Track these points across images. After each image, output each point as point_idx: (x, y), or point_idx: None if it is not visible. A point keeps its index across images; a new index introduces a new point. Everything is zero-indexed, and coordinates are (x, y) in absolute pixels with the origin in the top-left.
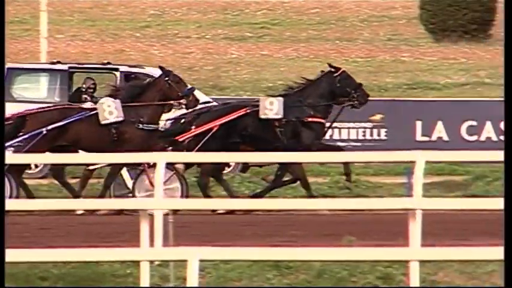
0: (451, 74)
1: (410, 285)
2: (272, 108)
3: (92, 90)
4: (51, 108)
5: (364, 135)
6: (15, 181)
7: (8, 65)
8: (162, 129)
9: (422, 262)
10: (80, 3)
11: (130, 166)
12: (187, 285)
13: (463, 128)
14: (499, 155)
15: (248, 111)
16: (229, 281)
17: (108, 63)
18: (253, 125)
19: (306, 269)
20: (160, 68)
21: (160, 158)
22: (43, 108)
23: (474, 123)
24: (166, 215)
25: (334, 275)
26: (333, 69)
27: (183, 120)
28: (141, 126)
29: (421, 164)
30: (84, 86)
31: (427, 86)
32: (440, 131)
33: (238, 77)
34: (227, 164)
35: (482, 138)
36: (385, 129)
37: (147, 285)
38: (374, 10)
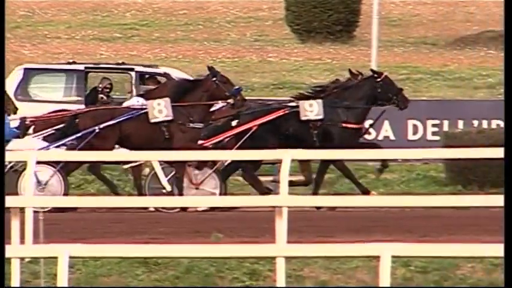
0: (317, 74)
1: (278, 282)
2: (312, 110)
3: (108, 90)
4: (102, 107)
5: None
6: (64, 179)
7: (24, 65)
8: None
9: (288, 258)
10: None
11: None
12: (58, 282)
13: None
14: (371, 153)
15: (287, 112)
16: (98, 277)
17: (123, 63)
18: (291, 126)
19: (174, 265)
20: (208, 68)
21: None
22: (94, 107)
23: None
24: (36, 212)
25: (202, 271)
26: (375, 75)
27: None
28: (191, 125)
29: (287, 162)
30: (100, 85)
31: (293, 86)
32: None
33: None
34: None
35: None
36: None
37: (18, 282)
38: (241, 11)
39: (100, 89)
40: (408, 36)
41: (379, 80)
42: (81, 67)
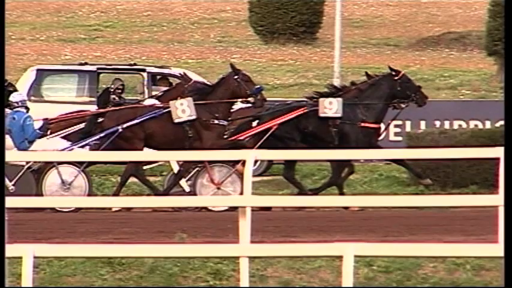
0: (280, 75)
1: (241, 281)
2: (331, 108)
3: (120, 90)
4: (125, 107)
5: None
6: (88, 178)
7: (37, 66)
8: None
9: (252, 258)
10: None
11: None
12: (22, 282)
13: None
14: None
15: (307, 110)
16: (63, 276)
17: (135, 64)
18: (310, 125)
19: (138, 265)
20: (231, 66)
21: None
22: (116, 107)
23: None
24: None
25: (166, 271)
26: (393, 72)
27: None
28: (215, 121)
29: (250, 162)
30: (112, 86)
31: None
32: None
33: None
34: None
35: None
36: None
37: None
38: (205, 13)
39: (112, 90)
40: (371, 37)
41: (397, 78)
42: (93, 68)
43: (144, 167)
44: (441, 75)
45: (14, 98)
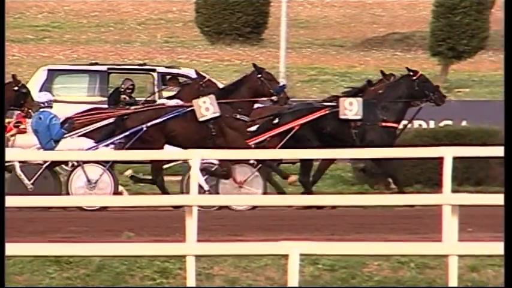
0: (226, 76)
1: (188, 280)
2: (352, 109)
3: (130, 90)
4: (148, 107)
5: None
6: (113, 176)
7: (48, 66)
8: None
9: (198, 257)
10: None
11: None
12: None
13: None
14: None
15: (328, 111)
16: (10, 275)
17: (145, 64)
18: (332, 125)
19: (86, 264)
20: (254, 65)
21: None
22: (139, 108)
23: None
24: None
25: (113, 269)
26: (411, 73)
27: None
28: (238, 116)
29: (196, 162)
30: (123, 86)
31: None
32: None
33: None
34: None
35: None
36: None
37: None
38: (151, 13)
39: (122, 90)
40: (316, 38)
41: (415, 78)
42: (104, 68)
43: (164, 166)
44: None
45: (40, 98)
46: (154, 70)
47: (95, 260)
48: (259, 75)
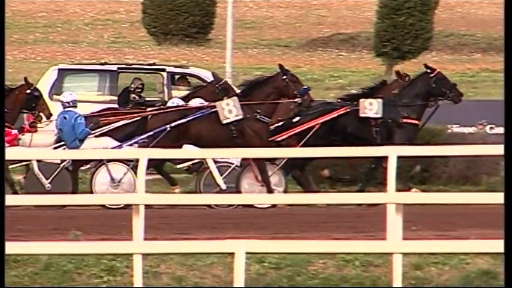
0: None
1: (135, 278)
2: (372, 108)
3: (139, 90)
4: (172, 108)
5: None
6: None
7: (59, 65)
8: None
9: (145, 255)
10: None
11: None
12: None
13: None
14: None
15: (348, 110)
16: None
17: (154, 64)
18: (352, 124)
19: (33, 262)
20: (280, 66)
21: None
22: (164, 108)
23: None
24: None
25: (61, 267)
26: (428, 71)
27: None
28: (258, 116)
29: (143, 161)
30: (132, 86)
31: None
32: None
33: None
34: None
35: None
36: None
37: None
38: (99, 14)
39: (132, 89)
40: (262, 38)
41: (432, 75)
42: (114, 67)
43: (178, 166)
44: (331, 76)
45: (64, 97)
46: (164, 70)
47: (42, 259)
48: (284, 77)
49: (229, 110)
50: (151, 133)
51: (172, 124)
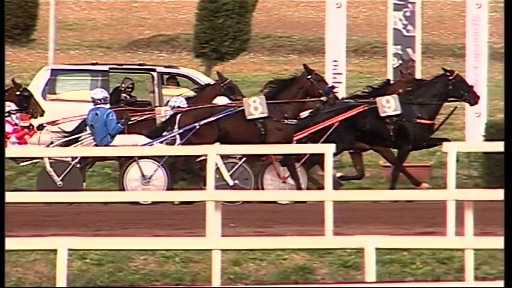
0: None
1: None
2: (390, 106)
3: (130, 89)
4: (200, 106)
5: None
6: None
7: (51, 66)
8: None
9: None
10: None
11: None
12: None
13: None
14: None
15: (366, 108)
16: None
17: (144, 63)
18: (369, 122)
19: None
20: (304, 66)
21: None
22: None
23: None
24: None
25: None
26: (447, 73)
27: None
28: (285, 121)
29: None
30: (123, 85)
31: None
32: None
33: None
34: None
35: None
36: None
37: None
38: None
39: (123, 89)
40: (84, 39)
41: (451, 77)
42: (106, 67)
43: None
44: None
45: (96, 94)
46: (154, 70)
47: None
48: (309, 76)
49: (255, 107)
50: (180, 131)
51: (202, 122)
